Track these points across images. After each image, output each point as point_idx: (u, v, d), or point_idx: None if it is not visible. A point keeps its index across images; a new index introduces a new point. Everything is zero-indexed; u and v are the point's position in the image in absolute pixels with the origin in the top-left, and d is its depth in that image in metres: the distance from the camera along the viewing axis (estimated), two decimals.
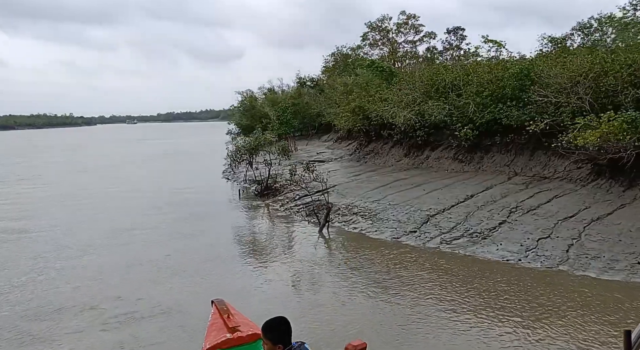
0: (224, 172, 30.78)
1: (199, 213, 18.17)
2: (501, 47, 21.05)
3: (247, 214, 18.36)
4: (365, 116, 23.89)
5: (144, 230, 15.29)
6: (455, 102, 18.96)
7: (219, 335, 4.74)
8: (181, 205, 19.63)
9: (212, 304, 5.36)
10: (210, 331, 4.94)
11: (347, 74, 30.55)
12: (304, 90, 41.76)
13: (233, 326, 4.81)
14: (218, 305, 5.24)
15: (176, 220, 16.86)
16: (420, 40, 37.67)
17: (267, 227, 16.12)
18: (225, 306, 5.19)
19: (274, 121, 33.91)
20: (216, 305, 5.26)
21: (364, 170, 21.28)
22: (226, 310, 5.08)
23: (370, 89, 24.04)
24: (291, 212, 17.55)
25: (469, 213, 13.71)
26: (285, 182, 21.64)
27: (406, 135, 21.54)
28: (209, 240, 14.15)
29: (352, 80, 25.54)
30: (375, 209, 15.47)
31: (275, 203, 19.60)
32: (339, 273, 10.76)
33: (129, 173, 31.68)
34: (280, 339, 3.17)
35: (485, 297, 8.91)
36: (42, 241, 14.28)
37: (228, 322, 4.89)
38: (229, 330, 4.78)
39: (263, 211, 18.74)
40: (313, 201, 17.66)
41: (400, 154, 21.89)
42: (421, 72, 22.27)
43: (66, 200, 21.50)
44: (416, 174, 19.28)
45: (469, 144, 18.59)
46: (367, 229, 14.29)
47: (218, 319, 5.05)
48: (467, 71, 19.75)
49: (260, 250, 13.23)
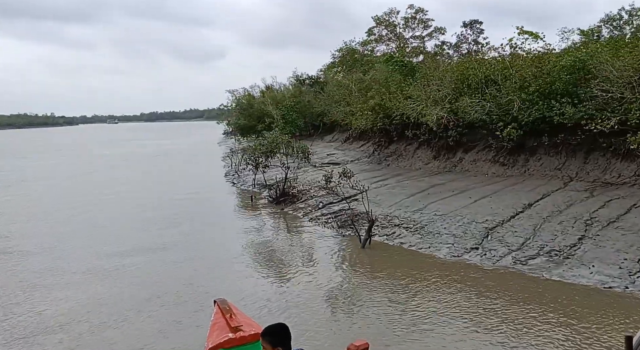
0: (226, 176, 28.72)
1: (209, 225, 16.16)
2: (538, 38, 19.29)
3: (267, 225, 16.36)
4: (386, 115, 22.03)
5: (149, 252, 13.21)
6: (496, 99, 17.14)
7: (221, 335, 4.69)
8: (188, 217, 17.56)
9: (215, 304, 5.27)
10: (213, 331, 4.89)
11: (358, 70, 28.67)
12: (303, 88, 39.75)
13: (235, 326, 4.77)
14: (220, 304, 5.16)
15: (186, 236, 14.80)
16: (430, 35, 35.97)
17: (295, 242, 14.12)
18: (227, 306, 5.13)
19: (277, 120, 31.87)
20: (219, 304, 5.17)
21: (389, 174, 19.39)
22: (228, 310, 5.02)
23: (391, 85, 22.17)
24: (319, 223, 15.60)
25: (535, 226, 11.90)
26: (304, 187, 19.70)
27: (435, 136, 19.70)
28: (229, 261, 12.14)
29: (371, 76, 23.64)
30: (420, 220, 13.58)
31: (295, 211, 17.64)
32: (399, 304, 8.81)
33: (124, 178, 29.40)
34: (279, 342, 3.19)
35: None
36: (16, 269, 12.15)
37: (230, 321, 4.85)
38: (232, 329, 4.74)
39: (284, 222, 16.75)
40: (343, 210, 15.74)
41: (429, 156, 20.04)
42: (450, 66, 20.44)
43: (60, 212, 19.29)
44: (452, 179, 17.44)
45: (511, 145, 16.80)
46: (416, 244, 12.40)
47: (220, 318, 5.00)
48: (505, 65, 17.94)
49: (295, 271, 11.24)
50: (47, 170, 34.46)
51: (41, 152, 54.98)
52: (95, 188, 24.71)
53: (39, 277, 10.93)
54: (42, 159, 45.05)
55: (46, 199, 22.19)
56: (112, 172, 32.45)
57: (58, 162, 41.09)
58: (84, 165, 37.88)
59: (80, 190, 24.21)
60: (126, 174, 30.66)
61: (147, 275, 11.07)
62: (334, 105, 34.45)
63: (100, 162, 39.39)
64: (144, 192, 23.05)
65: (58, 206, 20.00)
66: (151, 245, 13.48)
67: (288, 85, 49.71)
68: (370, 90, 23.57)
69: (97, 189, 24.39)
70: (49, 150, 59.75)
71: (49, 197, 22.50)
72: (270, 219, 17.31)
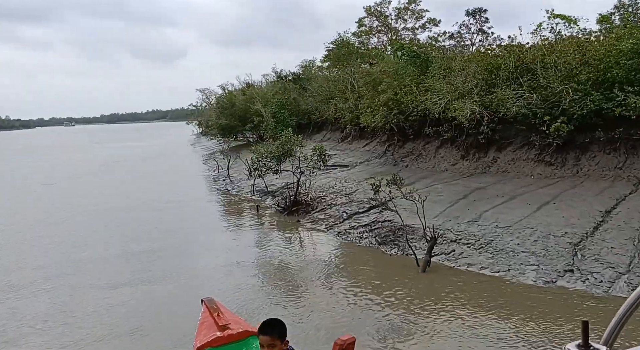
0: (216, 181, 25.96)
1: (212, 245, 13.57)
2: (572, 23, 17.42)
3: (284, 243, 13.89)
4: (401, 110, 19.81)
5: (142, 283, 10.58)
6: (539, 90, 15.12)
7: (209, 333, 4.65)
8: (183, 236, 14.92)
9: (202, 303, 5.22)
10: (201, 330, 4.84)
11: (356, 63, 26.38)
12: (288, 85, 37.17)
13: (223, 324, 4.74)
14: (208, 303, 5.13)
15: (187, 264, 12.20)
16: (423, 26, 33.97)
17: (330, 266, 11.66)
18: (215, 304, 5.09)
19: (267, 120, 29.26)
20: (206, 303, 5.14)
21: (413, 177, 17.16)
22: (216, 309, 4.99)
23: (404, 77, 19.95)
24: (351, 238, 13.23)
25: (633, 239, 9.85)
26: (317, 194, 17.28)
27: (462, 133, 17.58)
28: (254, 290, 9.66)
29: (381, 68, 21.35)
30: (481, 234, 11.38)
31: (314, 223, 15.23)
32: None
33: (99, 186, 26.26)
34: (285, 335, 3.34)
35: None
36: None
37: (218, 320, 4.82)
38: (219, 328, 4.70)
39: (307, 238, 14.32)
40: (378, 222, 13.42)
41: (455, 156, 17.90)
42: (474, 55, 18.35)
43: (32, 231, 16.32)
44: (492, 181, 15.34)
45: (559, 142, 14.81)
46: (489, 266, 10.19)
47: (208, 317, 4.96)
48: (545, 51, 15.94)
49: (343, 310, 8.84)
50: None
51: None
52: (57, 208, 21.64)
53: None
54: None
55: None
56: (79, 182, 29.18)
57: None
58: (42, 175, 34.35)
59: (44, 209, 21.10)
60: (98, 184, 27.51)
61: (139, 311, 8.52)
62: (326, 102, 32.12)
63: (63, 171, 35.87)
64: (122, 204, 20.12)
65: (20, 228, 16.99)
66: (141, 277, 10.84)
67: (267, 82, 47.16)
68: (379, 83, 21.30)
69: (59, 209, 21.35)
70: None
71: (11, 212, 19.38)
72: (286, 234, 14.83)
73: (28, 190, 25.38)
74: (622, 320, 1.34)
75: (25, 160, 46.29)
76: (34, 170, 35.95)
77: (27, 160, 46.07)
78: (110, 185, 25.89)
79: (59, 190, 25.21)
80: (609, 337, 1.34)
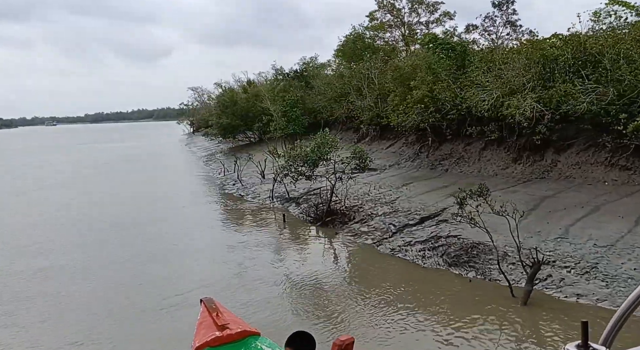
0: (224, 186, 23.79)
1: (244, 264, 11.50)
2: (633, 9, 15.63)
3: (329, 258, 11.90)
4: (437, 108, 17.89)
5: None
6: (614, 84, 13.27)
7: (208, 333, 4.58)
8: (212, 254, 12.86)
9: (201, 303, 5.15)
10: (200, 329, 4.78)
11: (373, 58, 24.37)
12: (293, 82, 35.07)
13: (222, 324, 4.68)
14: (207, 303, 5.06)
15: (216, 285, 10.14)
16: (438, 20, 32.10)
17: (398, 293, 9.64)
18: (214, 304, 5.04)
19: (277, 119, 27.14)
20: (205, 303, 5.07)
21: (461, 184, 15.23)
22: (215, 308, 4.94)
23: (440, 72, 18.02)
24: (410, 256, 11.25)
25: None
26: (354, 202, 15.28)
27: (512, 132, 15.71)
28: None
29: (411, 63, 19.36)
30: (578, 254, 9.48)
31: (356, 236, 13.24)
32: None
33: (96, 192, 23.97)
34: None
35: None
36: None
37: (217, 320, 4.76)
38: (218, 328, 4.65)
39: (353, 252, 12.30)
40: (440, 237, 11.45)
41: (505, 159, 16.01)
42: (525, 46, 16.46)
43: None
44: (559, 189, 13.46)
45: (638, 143, 12.97)
46: (606, 297, 8.30)
47: (207, 317, 4.89)
48: (611, 41, 14.10)
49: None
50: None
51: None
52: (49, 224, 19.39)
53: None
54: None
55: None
56: (78, 186, 26.82)
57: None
58: (30, 180, 31.85)
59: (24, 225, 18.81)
60: (97, 188, 25.20)
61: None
62: (336, 100, 30.12)
63: (53, 173, 33.38)
64: (127, 220, 17.93)
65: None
66: (171, 302, 8.76)
67: (266, 80, 45.09)
68: (408, 79, 19.35)
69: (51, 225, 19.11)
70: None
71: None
72: (326, 249, 12.83)
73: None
74: (620, 321, 1.34)
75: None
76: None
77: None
78: (110, 198, 23.61)
79: (43, 201, 22.89)
80: (607, 337, 1.35)
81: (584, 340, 1.26)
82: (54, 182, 27.14)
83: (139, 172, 30.99)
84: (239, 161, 23.82)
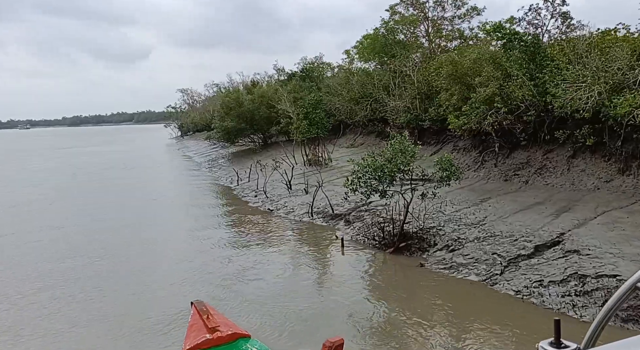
0: (244, 197, 20.80)
1: (314, 306, 8.61)
2: None
3: (432, 303, 9.06)
4: (510, 109, 15.24)
5: None
6: None
7: (198, 336, 4.58)
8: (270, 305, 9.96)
9: (192, 306, 5.13)
10: (190, 332, 4.75)
11: (406, 53, 21.73)
12: (303, 83, 32.24)
13: (213, 327, 4.67)
14: (198, 306, 5.02)
15: None
16: (466, 15, 29.63)
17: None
18: (204, 307, 5.00)
19: (298, 121, 24.26)
20: (195, 306, 5.04)
21: (561, 202, 12.55)
22: (205, 311, 4.90)
23: (512, 66, 15.35)
24: (552, 303, 8.45)
25: None
26: (431, 223, 12.48)
27: (616, 137, 13.10)
28: None
29: (475, 56, 16.65)
30: None
31: (449, 269, 10.48)
32: None
33: (81, 220, 20.77)
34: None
35: None
36: None
37: (207, 322, 4.74)
38: (209, 330, 4.64)
39: (456, 293, 9.46)
40: (584, 277, 8.69)
41: (608, 169, 13.37)
42: (627, 36, 13.92)
43: None
44: None
45: None
46: None
47: (198, 320, 4.87)
48: None
49: None
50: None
51: None
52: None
53: None
54: None
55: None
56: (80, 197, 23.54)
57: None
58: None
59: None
60: (87, 210, 22.00)
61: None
62: (357, 102, 27.40)
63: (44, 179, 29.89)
64: (147, 259, 14.88)
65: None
66: None
67: (275, 80, 42.34)
68: (464, 75, 16.67)
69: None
70: None
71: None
72: (421, 287, 9.99)
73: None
74: (602, 323, 1.35)
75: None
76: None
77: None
78: (115, 224, 20.40)
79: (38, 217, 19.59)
80: (590, 339, 1.35)
81: (556, 337, 1.28)
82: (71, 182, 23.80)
83: (137, 184, 27.75)
84: (259, 168, 20.81)
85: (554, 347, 1.26)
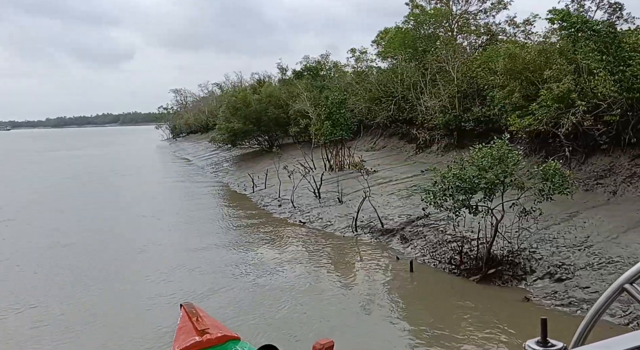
0: (266, 206, 18.52)
1: None
2: None
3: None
4: (587, 109, 13.21)
5: None
6: None
7: (187, 339, 4.45)
8: None
9: (181, 308, 4.97)
10: (179, 335, 4.61)
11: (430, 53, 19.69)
12: (315, 82, 30.02)
13: (202, 329, 4.53)
14: (187, 308, 4.88)
15: None
16: (492, 8, 27.74)
17: None
18: (194, 309, 4.87)
19: (319, 122, 22.07)
20: (185, 308, 4.90)
21: None
22: (195, 313, 4.77)
23: (588, 59, 13.37)
24: None
25: None
26: (515, 244, 10.37)
27: None
28: None
29: (541, 47, 14.61)
30: None
31: (567, 306, 8.41)
32: None
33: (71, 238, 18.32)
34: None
35: None
36: None
37: (197, 325, 4.59)
38: (198, 333, 4.50)
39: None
40: None
41: None
42: None
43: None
44: None
45: None
46: None
47: (187, 322, 4.73)
48: None
49: None
50: None
51: None
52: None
53: None
54: None
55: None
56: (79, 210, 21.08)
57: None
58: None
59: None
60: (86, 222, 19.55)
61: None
62: (378, 102, 25.30)
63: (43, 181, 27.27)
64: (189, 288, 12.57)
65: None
66: None
67: (276, 79, 40.22)
68: (527, 69, 14.62)
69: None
70: None
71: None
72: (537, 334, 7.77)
73: None
74: (590, 323, 1.36)
75: None
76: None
77: None
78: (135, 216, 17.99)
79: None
80: (579, 339, 1.37)
81: (543, 336, 1.26)
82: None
83: (143, 197, 25.31)
84: (287, 174, 18.50)
85: (540, 346, 1.23)
